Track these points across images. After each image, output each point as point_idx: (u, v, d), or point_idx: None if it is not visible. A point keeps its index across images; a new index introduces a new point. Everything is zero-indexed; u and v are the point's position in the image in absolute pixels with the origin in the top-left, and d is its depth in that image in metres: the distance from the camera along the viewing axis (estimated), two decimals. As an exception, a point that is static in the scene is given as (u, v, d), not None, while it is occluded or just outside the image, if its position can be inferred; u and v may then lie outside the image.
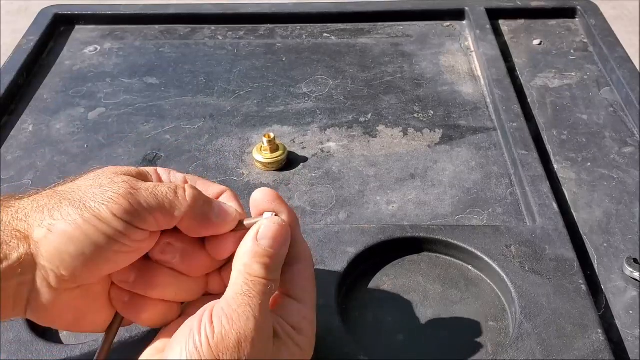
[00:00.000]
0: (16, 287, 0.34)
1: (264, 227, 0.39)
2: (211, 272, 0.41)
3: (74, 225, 0.34)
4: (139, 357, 0.38)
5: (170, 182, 0.39)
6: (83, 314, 0.38)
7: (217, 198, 0.41)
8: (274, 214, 0.40)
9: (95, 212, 0.34)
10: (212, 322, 0.35)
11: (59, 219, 0.34)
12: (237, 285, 0.37)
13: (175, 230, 0.39)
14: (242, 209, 0.41)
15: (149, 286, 0.38)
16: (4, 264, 0.33)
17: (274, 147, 0.62)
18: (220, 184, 0.44)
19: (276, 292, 0.40)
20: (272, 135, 0.62)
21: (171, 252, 0.39)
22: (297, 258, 0.40)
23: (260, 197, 0.40)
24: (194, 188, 0.39)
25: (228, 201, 0.41)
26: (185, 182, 0.41)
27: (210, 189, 0.42)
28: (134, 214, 0.35)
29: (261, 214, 0.40)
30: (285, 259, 0.39)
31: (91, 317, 0.38)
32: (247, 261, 0.37)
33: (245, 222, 0.40)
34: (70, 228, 0.34)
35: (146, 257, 0.39)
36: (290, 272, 0.40)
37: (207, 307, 0.36)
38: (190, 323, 0.36)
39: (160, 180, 0.40)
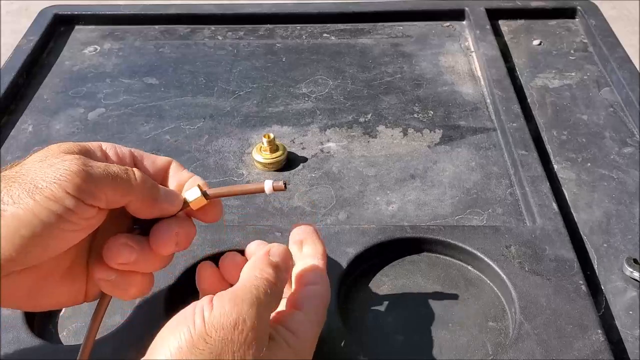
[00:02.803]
0: None
1: (274, 248, 0.41)
2: None
3: (24, 207, 0.34)
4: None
5: (121, 165, 0.40)
6: (35, 293, 0.38)
7: (166, 170, 0.43)
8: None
9: (47, 192, 0.34)
10: (211, 303, 0.35)
11: (9, 203, 0.34)
12: (245, 280, 0.37)
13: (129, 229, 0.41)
14: (191, 176, 0.43)
15: (145, 259, 0.40)
16: None
17: (273, 147, 0.62)
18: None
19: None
20: (271, 135, 0.62)
21: (128, 252, 0.39)
22: (315, 281, 0.42)
23: (298, 232, 0.44)
24: (142, 173, 0.40)
25: (177, 171, 0.43)
26: (132, 156, 0.42)
27: (157, 161, 0.43)
28: (86, 191, 0.35)
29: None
30: (304, 279, 0.42)
31: (46, 296, 0.39)
32: (259, 264, 0.39)
33: (188, 199, 0.41)
34: (21, 211, 0.34)
35: (140, 235, 0.40)
36: (304, 290, 0.41)
37: (204, 298, 0.36)
38: (184, 311, 0.36)
39: (106, 155, 0.41)
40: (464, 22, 0.85)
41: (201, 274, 0.43)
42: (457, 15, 0.86)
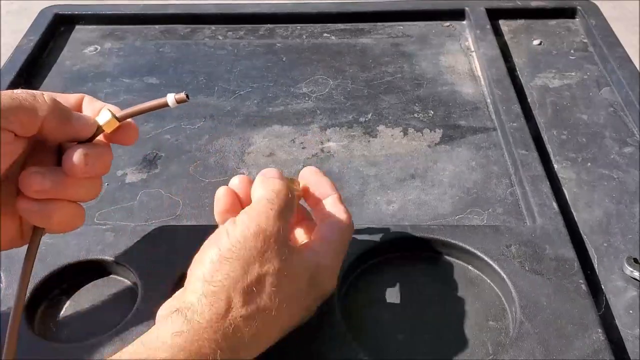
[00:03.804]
0: None
1: (270, 170, 0.45)
2: None
3: None
4: None
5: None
6: None
7: (79, 105, 0.45)
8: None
9: None
10: (234, 221, 0.40)
11: None
12: (260, 196, 0.42)
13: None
14: (104, 105, 0.45)
15: (62, 186, 0.41)
16: None
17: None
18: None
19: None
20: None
21: (40, 178, 0.40)
22: (337, 215, 0.46)
23: (305, 173, 0.48)
24: (52, 97, 0.41)
25: (90, 103, 0.45)
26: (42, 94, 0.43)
27: (69, 98, 0.45)
28: None
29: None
30: (326, 214, 0.46)
31: None
32: (267, 181, 0.43)
33: (101, 123, 0.43)
34: None
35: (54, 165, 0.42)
36: (328, 223, 0.46)
37: (228, 220, 0.41)
38: (214, 234, 0.40)
39: None
40: (464, 22, 0.85)
41: (218, 199, 0.45)
42: (457, 15, 0.86)
